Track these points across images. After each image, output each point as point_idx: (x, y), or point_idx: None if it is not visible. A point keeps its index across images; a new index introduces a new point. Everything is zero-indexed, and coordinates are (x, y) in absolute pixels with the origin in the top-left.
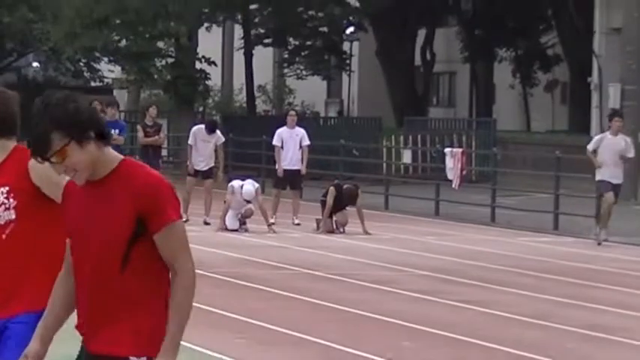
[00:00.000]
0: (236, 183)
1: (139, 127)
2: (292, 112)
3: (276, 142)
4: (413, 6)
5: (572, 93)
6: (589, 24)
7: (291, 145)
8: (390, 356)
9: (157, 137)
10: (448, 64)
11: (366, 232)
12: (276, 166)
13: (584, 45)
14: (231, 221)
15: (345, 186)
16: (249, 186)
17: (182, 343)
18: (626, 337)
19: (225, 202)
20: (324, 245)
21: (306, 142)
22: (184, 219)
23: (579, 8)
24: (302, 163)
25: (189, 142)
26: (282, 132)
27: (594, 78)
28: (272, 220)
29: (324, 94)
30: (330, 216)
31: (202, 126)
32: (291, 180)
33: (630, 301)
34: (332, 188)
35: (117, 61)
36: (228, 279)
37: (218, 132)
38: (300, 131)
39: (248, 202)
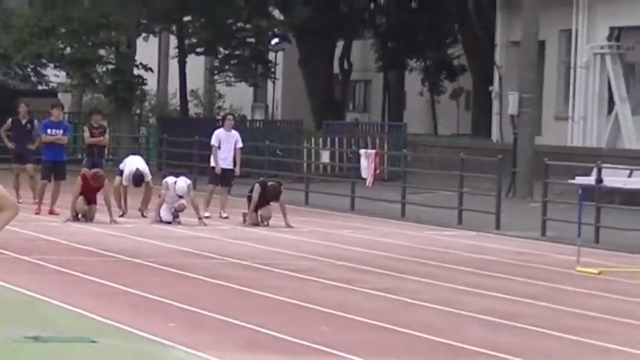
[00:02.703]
0: (170, 179)
1: (85, 127)
2: (230, 116)
3: (214, 142)
4: (332, 20)
5: (475, 100)
6: (491, 38)
7: (227, 146)
8: (323, 329)
9: (101, 138)
10: (364, 73)
11: (289, 226)
12: (211, 164)
13: (487, 57)
14: (165, 214)
15: (269, 183)
16: (182, 182)
17: (118, 325)
18: (518, 321)
19: (159, 196)
20: (250, 237)
21: (240, 144)
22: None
23: (482, 23)
24: (235, 163)
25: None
26: (219, 133)
27: (495, 87)
28: (207, 214)
29: (251, 99)
30: (256, 210)
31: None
32: (225, 178)
33: (524, 289)
34: (257, 185)
35: (62, 66)
36: (162, 267)
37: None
38: (236, 134)
39: (180, 197)
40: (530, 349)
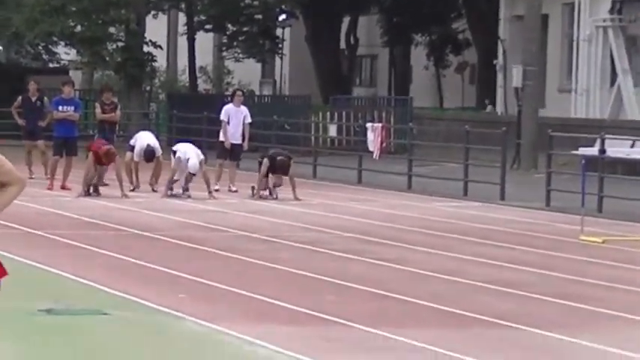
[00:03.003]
0: (182, 154)
1: (96, 104)
2: (239, 92)
3: (223, 117)
4: None
5: (479, 74)
6: (495, 12)
7: (236, 121)
8: (331, 298)
9: (112, 114)
10: (370, 48)
11: (297, 199)
12: (221, 139)
13: (491, 31)
14: (175, 186)
15: (278, 157)
16: (195, 160)
17: (129, 297)
18: (523, 290)
19: (171, 171)
20: (259, 210)
21: (249, 120)
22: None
23: None
24: (244, 138)
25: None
26: (229, 109)
27: (499, 60)
28: (217, 187)
29: (259, 75)
30: (266, 177)
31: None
32: (233, 152)
33: (528, 258)
34: (266, 159)
35: (72, 44)
36: (172, 240)
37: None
38: (245, 110)
39: (193, 174)
40: (535, 316)
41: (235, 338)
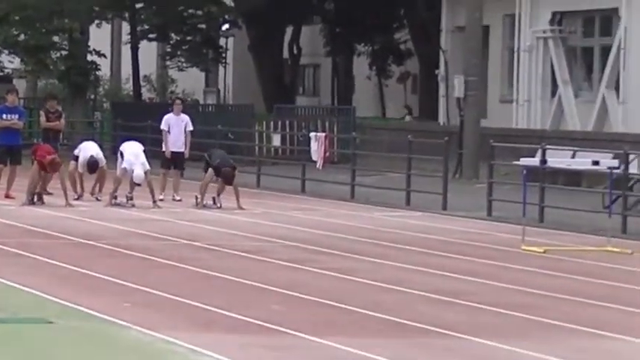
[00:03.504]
0: (127, 164)
1: (41, 112)
2: (178, 101)
3: (163, 126)
4: (281, 6)
5: (421, 83)
6: (436, 23)
7: (177, 130)
8: (275, 308)
9: (57, 122)
10: (313, 58)
11: (240, 208)
12: (163, 148)
13: (432, 41)
14: (119, 196)
15: (223, 168)
16: (140, 170)
17: (75, 306)
18: (466, 299)
19: (114, 181)
20: (203, 219)
21: (190, 127)
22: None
23: (428, 9)
24: (186, 147)
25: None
26: (169, 118)
27: (441, 70)
28: (161, 197)
29: (203, 84)
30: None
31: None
32: (176, 161)
33: (471, 268)
34: (210, 170)
35: (16, 53)
36: (117, 249)
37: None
38: (185, 117)
39: (138, 184)
40: (477, 325)
41: (181, 347)
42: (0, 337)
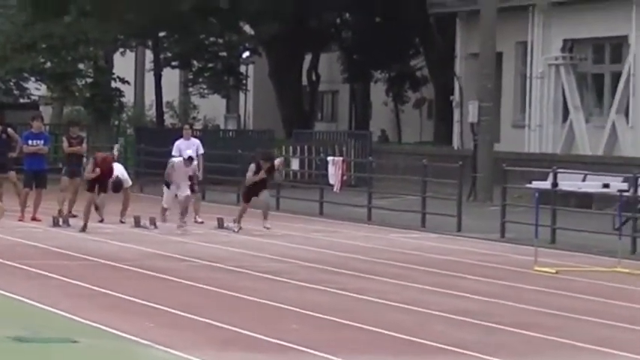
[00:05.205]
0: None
1: (64, 138)
2: (187, 126)
3: (175, 152)
4: (300, 34)
5: (437, 109)
6: (451, 50)
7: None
8: (295, 327)
9: (79, 148)
10: (331, 84)
11: (265, 227)
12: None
13: (447, 68)
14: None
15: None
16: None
17: (98, 325)
18: (480, 319)
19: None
20: (224, 241)
21: (201, 150)
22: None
23: (443, 36)
24: (199, 169)
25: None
26: (179, 143)
27: (456, 96)
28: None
29: (224, 110)
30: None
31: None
32: (192, 184)
33: (485, 289)
34: (252, 165)
35: (43, 80)
36: (139, 270)
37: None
38: (196, 142)
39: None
40: (492, 345)
41: None
42: (25, 356)
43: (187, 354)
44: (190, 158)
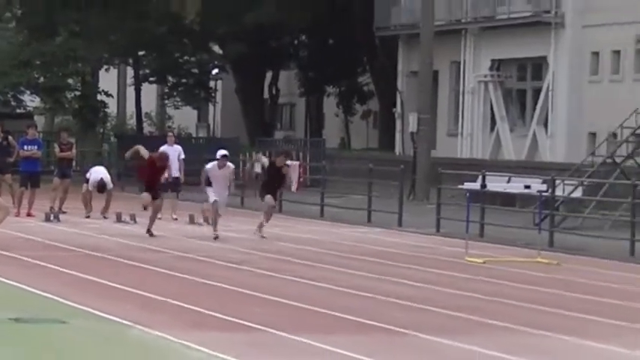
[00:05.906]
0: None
1: (55, 144)
2: (170, 133)
3: None
4: (262, 53)
5: (381, 120)
6: (394, 68)
7: (172, 158)
8: (257, 310)
9: (69, 152)
10: (289, 97)
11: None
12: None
13: (391, 84)
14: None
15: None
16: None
17: (85, 308)
18: (419, 303)
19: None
20: (194, 234)
21: (182, 156)
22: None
23: (387, 56)
24: (180, 172)
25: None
26: (165, 149)
27: (398, 109)
28: (159, 216)
29: (195, 120)
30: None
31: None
32: (173, 184)
33: (422, 276)
34: (265, 160)
35: (37, 93)
36: (121, 260)
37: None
38: (178, 147)
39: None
40: (430, 325)
41: (176, 343)
42: (20, 335)
43: (163, 333)
44: (225, 156)
